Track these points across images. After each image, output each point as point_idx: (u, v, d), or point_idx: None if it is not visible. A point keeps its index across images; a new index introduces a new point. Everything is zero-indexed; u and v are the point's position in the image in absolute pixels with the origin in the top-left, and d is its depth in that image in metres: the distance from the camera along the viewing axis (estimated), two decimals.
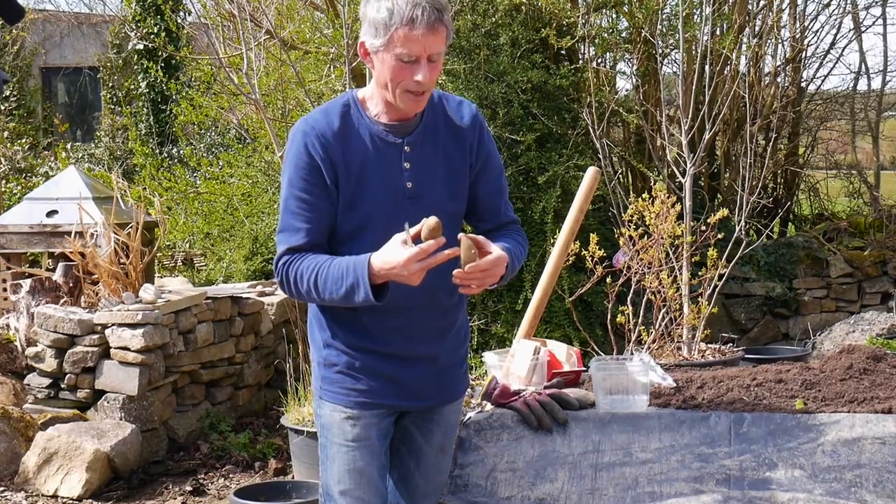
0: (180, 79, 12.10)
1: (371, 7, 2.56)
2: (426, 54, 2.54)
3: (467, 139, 2.74)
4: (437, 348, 2.75)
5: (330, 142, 2.61)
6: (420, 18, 2.49)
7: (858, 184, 8.98)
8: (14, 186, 10.38)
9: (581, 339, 6.14)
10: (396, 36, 2.51)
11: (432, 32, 2.52)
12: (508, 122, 6.99)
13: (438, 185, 2.69)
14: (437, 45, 2.56)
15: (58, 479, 5.09)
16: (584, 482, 2.94)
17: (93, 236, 6.03)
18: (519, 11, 7.21)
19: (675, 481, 2.90)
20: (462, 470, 3.02)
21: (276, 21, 7.21)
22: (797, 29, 8.44)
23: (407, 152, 2.66)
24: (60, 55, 15.71)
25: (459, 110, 2.76)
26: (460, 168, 2.73)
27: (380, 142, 2.65)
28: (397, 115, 2.67)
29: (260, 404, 6.60)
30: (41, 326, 5.65)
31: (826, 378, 3.24)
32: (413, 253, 2.42)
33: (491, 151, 2.80)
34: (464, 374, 2.89)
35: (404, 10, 2.49)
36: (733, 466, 2.90)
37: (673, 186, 6.05)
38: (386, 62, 2.56)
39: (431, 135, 2.70)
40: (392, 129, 2.67)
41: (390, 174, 2.65)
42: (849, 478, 2.85)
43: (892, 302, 7.58)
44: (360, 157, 2.63)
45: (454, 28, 4.01)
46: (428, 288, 2.66)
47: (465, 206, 2.78)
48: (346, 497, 2.72)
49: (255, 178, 8.52)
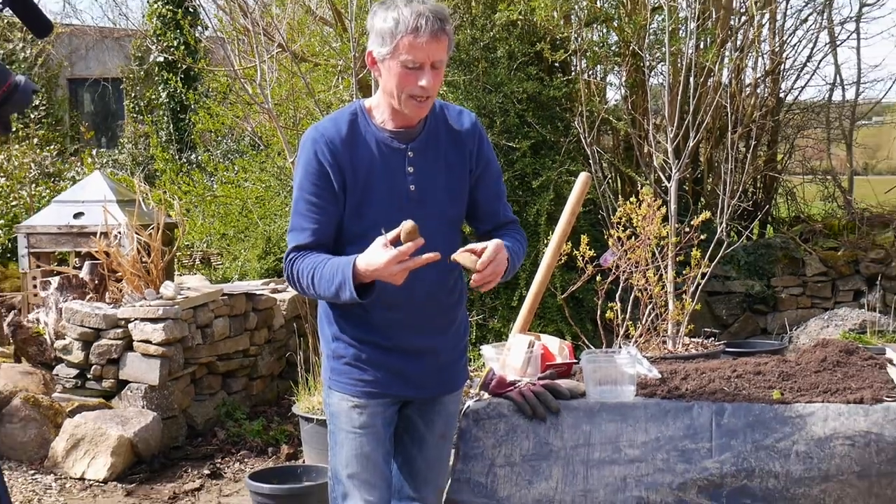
0: (198, 89, 12.10)
1: (378, 18, 2.58)
2: (429, 61, 2.55)
3: (467, 146, 2.74)
4: (438, 342, 2.75)
5: (338, 148, 2.62)
6: (424, 27, 2.51)
7: (833, 188, 8.98)
8: (43, 190, 10.37)
9: (573, 333, 6.15)
10: (402, 44, 2.53)
11: (435, 40, 2.53)
12: (505, 129, 7.00)
13: (439, 190, 2.70)
14: (440, 53, 2.57)
15: (84, 463, 5.10)
16: (577, 481, 2.95)
17: (116, 236, 6.04)
18: (515, 26, 7.21)
19: (661, 486, 2.92)
20: (465, 465, 3.03)
21: (287, 35, 7.22)
22: (776, 43, 8.44)
23: (410, 157, 2.67)
24: (86, 67, 15.71)
25: (460, 119, 2.77)
26: (460, 173, 2.74)
27: (385, 148, 2.66)
28: (402, 123, 2.67)
29: (273, 394, 6.60)
30: (69, 321, 5.66)
31: (801, 370, 3.24)
32: (393, 255, 2.43)
33: (489, 157, 2.81)
34: (463, 366, 2.90)
35: (409, 20, 2.51)
36: (714, 471, 2.91)
37: (659, 191, 6.05)
38: (392, 69, 2.57)
39: (434, 142, 2.71)
40: (396, 136, 2.67)
41: (395, 178, 2.65)
42: (815, 493, 2.87)
43: (863, 299, 7.58)
44: (367, 163, 2.64)
45: (455, 41, 4.02)
46: (429, 286, 2.68)
47: (465, 209, 2.78)
48: (353, 480, 2.73)
49: (268, 182, 8.52)
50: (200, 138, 11.82)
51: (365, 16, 6.71)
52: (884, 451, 2.88)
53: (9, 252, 9.48)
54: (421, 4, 2.54)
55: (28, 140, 12.09)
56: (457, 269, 2.78)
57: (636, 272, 4.64)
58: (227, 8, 7.69)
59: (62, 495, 4.90)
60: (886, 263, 7.71)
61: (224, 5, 7.73)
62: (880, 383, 3.10)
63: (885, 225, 8.17)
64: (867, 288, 7.75)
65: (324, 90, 7.61)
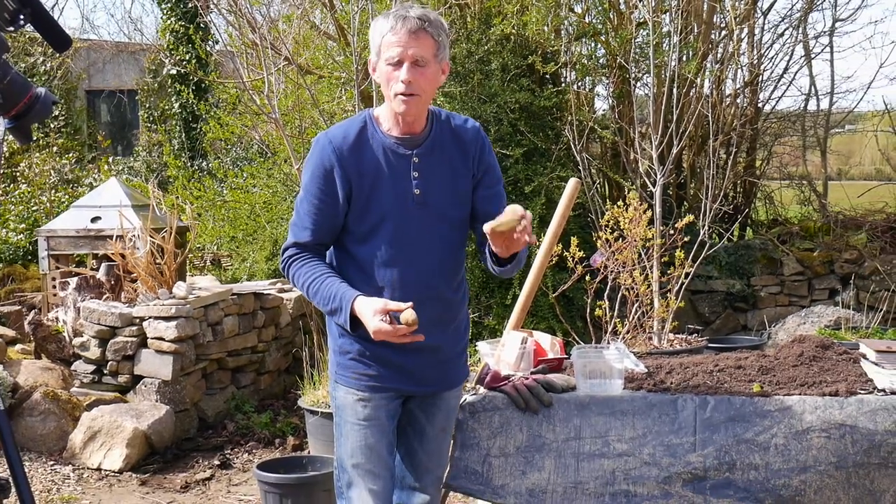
0: (209, 100, 12.08)
1: (371, 30, 2.65)
2: (409, 57, 2.56)
3: (470, 151, 2.73)
4: (440, 340, 2.73)
5: (345, 154, 2.62)
6: (401, 24, 2.55)
7: (808, 193, 8.98)
8: (62, 195, 10.36)
9: (564, 330, 6.14)
10: (384, 44, 2.58)
11: (413, 37, 2.55)
12: (499, 138, 6.99)
13: (443, 193, 2.68)
14: (420, 50, 2.56)
15: (101, 454, 5.08)
16: (569, 473, 2.94)
17: (132, 239, 6.03)
18: (508, 40, 7.21)
19: (647, 480, 2.91)
20: (462, 453, 3.02)
21: (293, 49, 7.20)
22: (754, 56, 8.44)
23: (416, 163, 2.65)
24: (103, 79, 15.69)
25: (464, 126, 2.76)
26: (463, 178, 2.72)
27: (391, 154, 2.65)
28: (407, 129, 2.67)
29: (280, 388, 6.59)
30: (86, 319, 5.64)
31: (780, 364, 3.24)
32: (384, 329, 2.49)
33: (491, 163, 2.78)
34: (464, 363, 2.89)
35: (391, 21, 2.57)
36: (698, 464, 2.90)
37: (644, 195, 6.05)
38: (380, 70, 2.62)
39: (438, 148, 2.69)
40: (403, 142, 2.66)
41: (401, 182, 2.64)
42: (795, 484, 2.86)
43: (838, 297, 7.58)
44: (373, 168, 2.63)
45: (451, 54, 4.02)
46: (435, 285, 2.66)
47: (468, 212, 2.76)
48: (357, 470, 2.72)
49: (275, 188, 8.50)
50: (211, 146, 11.81)
51: (367, 31, 6.70)
52: (858, 443, 2.87)
53: (30, 254, 9.46)
54: (408, 10, 2.58)
55: (48, 148, 12.07)
56: (462, 268, 2.78)
57: (623, 272, 4.64)
58: (236, 24, 7.68)
59: (80, 485, 4.88)
60: (859, 264, 7.71)
61: (234, 21, 7.72)
62: (854, 377, 3.10)
63: (858, 227, 8.17)
64: (841, 287, 7.75)
65: (328, 101, 7.60)
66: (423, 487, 2.85)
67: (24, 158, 11.38)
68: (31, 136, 2.24)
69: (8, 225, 9.72)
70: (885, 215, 8.34)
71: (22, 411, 5.23)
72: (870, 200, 8.83)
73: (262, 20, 6.87)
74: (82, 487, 4.85)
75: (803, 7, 8.46)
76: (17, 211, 9.96)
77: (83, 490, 4.82)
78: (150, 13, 28.45)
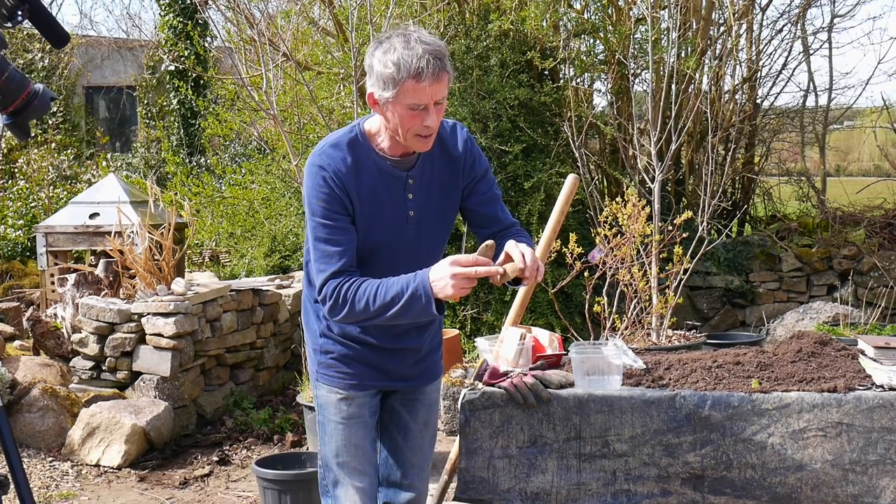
0: (207, 96, 12.08)
1: (377, 61, 2.45)
2: (433, 101, 2.45)
3: (460, 163, 2.69)
4: (421, 342, 2.77)
5: (344, 176, 2.52)
6: (426, 70, 2.39)
7: (807, 189, 8.99)
8: (61, 192, 10.35)
9: (562, 326, 6.15)
10: (404, 88, 2.41)
11: (437, 81, 2.42)
12: (498, 134, 6.99)
13: (433, 210, 2.66)
14: (442, 91, 2.47)
15: (100, 451, 5.08)
16: (571, 474, 2.96)
17: (130, 236, 6.02)
18: (507, 36, 7.21)
19: (647, 479, 2.92)
20: (468, 462, 3.02)
21: (291, 45, 7.20)
22: (753, 52, 8.44)
23: (410, 185, 2.61)
24: (101, 76, 15.67)
25: (452, 135, 2.70)
26: (453, 191, 2.70)
27: (387, 176, 2.59)
28: (403, 150, 2.60)
29: (278, 384, 6.59)
30: (85, 315, 5.64)
31: (778, 360, 3.24)
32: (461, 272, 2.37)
33: (483, 167, 2.75)
34: (440, 357, 2.92)
35: (410, 64, 2.38)
36: (696, 463, 2.91)
37: (643, 191, 6.05)
38: (396, 112, 2.46)
39: (429, 165, 2.65)
40: (397, 164, 2.61)
41: (398, 206, 2.60)
42: (791, 481, 2.86)
43: (836, 293, 7.59)
44: (370, 190, 2.56)
45: (450, 51, 4.01)
46: None
47: (454, 220, 2.76)
48: (343, 468, 2.73)
49: (273, 184, 8.51)
50: (209, 143, 11.80)
51: (365, 27, 6.69)
52: (854, 440, 2.87)
53: (28, 251, 9.45)
54: (419, 45, 2.40)
55: (46, 145, 12.06)
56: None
57: (622, 268, 4.64)
58: (234, 20, 7.67)
59: (78, 481, 4.88)
60: (858, 260, 7.72)
61: (232, 17, 7.71)
62: (852, 373, 3.10)
63: (856, 223, 8.18)
64: (840, 283, 7.76)
65: (326, 97, 7.60)
66: (410, 483, 2.86)
67: (22, 155, 11.37)
68: (29, 133, 2.23)
69: (6, 221, 9.70)
70: (883, 211, 8.35)
71: (20, 408, 5.23)
72: (868, 197, 8.84)
73: (261, 16, 6.88)
74: (81, 484, 4.85)
75: (802, 3, 8.46)
76: (16, 207, 9.94)
77: (82, 486, 4.81)
78: (149, 9, 28.43)
